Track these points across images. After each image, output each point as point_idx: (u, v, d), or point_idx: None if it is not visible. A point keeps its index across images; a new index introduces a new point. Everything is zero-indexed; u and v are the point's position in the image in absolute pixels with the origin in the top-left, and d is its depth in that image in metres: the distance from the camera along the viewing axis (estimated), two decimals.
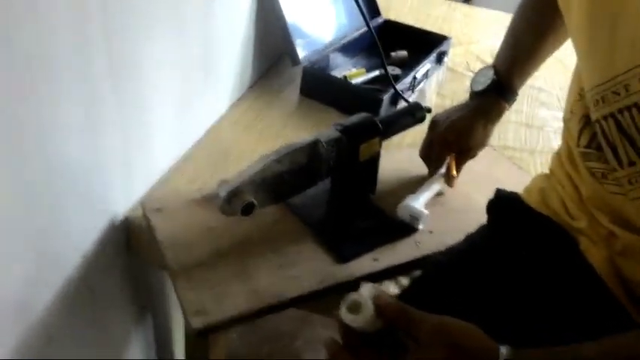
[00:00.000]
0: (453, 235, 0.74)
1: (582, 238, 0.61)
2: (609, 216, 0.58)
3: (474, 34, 1.59)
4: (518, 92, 0.83)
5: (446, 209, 0.85)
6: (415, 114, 0.87)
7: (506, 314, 0.60)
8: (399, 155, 0.96)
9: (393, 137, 0.86)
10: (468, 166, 0.88)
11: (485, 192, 0.75)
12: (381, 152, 0.79)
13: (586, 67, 0.56)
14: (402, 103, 1.11)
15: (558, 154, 0.67)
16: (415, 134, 0.93)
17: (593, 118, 0.55)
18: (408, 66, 1.23)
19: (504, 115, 0.84)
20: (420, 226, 0.79)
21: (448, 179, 0.86)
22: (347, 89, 1.12)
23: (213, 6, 0.91)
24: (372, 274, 0.72)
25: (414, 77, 1.17)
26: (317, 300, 0.69)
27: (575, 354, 0.47)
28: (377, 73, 1.19)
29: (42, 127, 0.57)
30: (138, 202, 0.80)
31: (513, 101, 0.83)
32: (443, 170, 0.87)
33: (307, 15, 1.18)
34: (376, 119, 0.78)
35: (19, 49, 0.51)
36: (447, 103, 1.19)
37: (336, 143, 0.74)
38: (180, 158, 0.90)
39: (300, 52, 1.11)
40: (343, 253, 0.73)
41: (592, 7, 0.52)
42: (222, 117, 1.03)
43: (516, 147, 1.09)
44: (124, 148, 0.73)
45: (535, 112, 1.24)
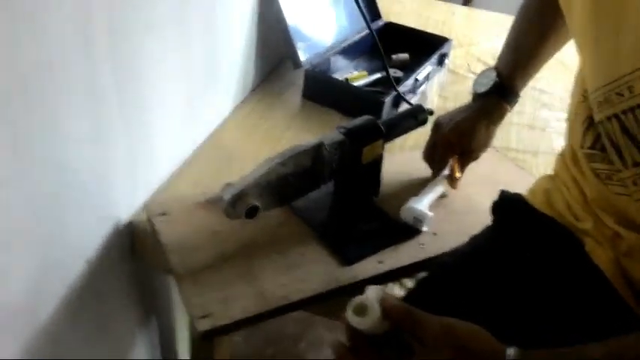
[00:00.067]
0: (457, 236, 0.74)
1: (587, 239, 0.61)
2: (614, 217, 0.58)
3: (474, 36, 1.59)
4: (520, 94, 0.83)
5: (449, 211, 0.85)
6: (418, 116, 0.87)
7: (511, 315, 0.60)
8: (402, 157, 0.96)
9: (396, 140, 0.86)
10: (470, 167, 0.88)
11: (489, 193, 0.75)
12: (384, 155, 0.80)
13: (589, 69, 0.56)
14: (403, 106, 1.11)
15: (562, 156, 0.67)
16: (418, 136, 0.93)
17: (596, 119, 0.55)
18: (409, 68, 1.23)
19: (507, 116, 0.84)
20: (423, 228, 0.79)
21: (451, 181, 0.86)
22: (349, 92, 1.12)
23: (215, 11, 0.91)
24: (376, 277, 0.72)
25: (416, 79, 1.17)
26: (322, 302, 0.69)
27: (581, 355, 0.46)
28: (378, 75, 1.19)
29: (47, 135, 0.58)
30: (142, 206, 0.80)
31: (515, 103, 0.83)
32: (446, 172, 0.87)
33: (308, 18, 1.18)
34: (379, 122, 0.78)
35: (26, 61, 0.52)
36: (448, 105, 1.19)
37: (340, 146, 0.74)
38: (183, 162, 0.90)
39: (301, 55, 1.11)
40: (347, 256, 0.73)
41: (595, 8, 0.53)
42: (224, 121, 1.03)
43: (519, 148, 1.09)
44: (128, 153, 0.74)
45: (537, 113, 1.24)
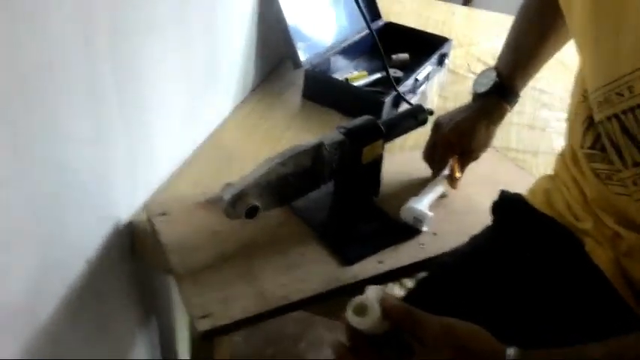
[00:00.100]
0: (457, 236, 0.74)
1: (588, 239, 0.61)
2: (614, 217, 0.58)
3: (474, 36, 1.59)
4: (520, 94, 0.83)
5: (449, 211, 0.85)
6: (418, 116, 0.87)
7: (511, 315, 0.60)
8: (402, 157, 0.96)
9: (396, 139, 0.86)
10: (470, 167, 0.88)
11: (489, 193, 0.75)
12: (384, 155, 0.80)
13: (589, 69, 0.56)
14: (403, 106, 1.11)
15: (562, 156, 0.67)
16: (418, 136, 0.93)
17: (596, 119, 0.55)
18: (409, 68, 1.23)
19: (507, 116, 0.84)
20: (423, 228, 0.79)
21: (451, 181, 0.86)
22: (349, 92, 1.12)
23: (215, 11, 0.91)
24: (376, 277, 0.72)
25: (416, 79, 1.17)
26: (322, 302, 0.69)
27: (581, 355, 0.46)
28: (378, 75, 1.19)
29: (48, 136, 0.58)
30: (142, 206, 0.80)
31: (515, 103, 0.83)
32: (446, 172, 0.87)
33: (308, 18, 1.18)
34: (379, 122, 0.78)
35: (26, 61, 0.52)
36: (448, 105, 1.19)
37: (340, 146, 0.74)
38: (183, 162, 0.90)
39: (301, 55, 1.11)
40: (347, 256, 0.73)
41: (595, 8, 0.53)
42: (224, 121, 1.03)
43: (519, 148, 1.09)
44: (128, 152, 0.74)
45: (537, 113, 1.24)
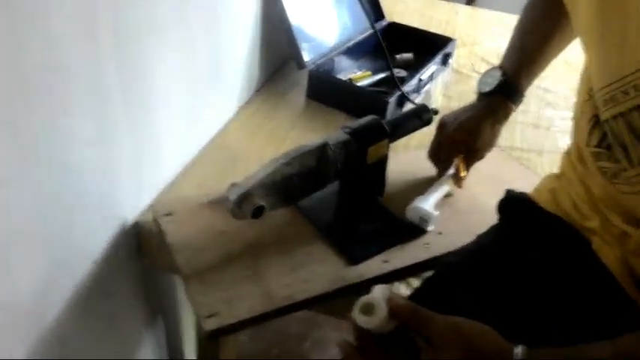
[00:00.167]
0: (463, 236, 0.74)
1: (595, 237, 0.61)
2: (621, 215, 0.58)
3: (478, 36, 1.59)
4: (525, 93, 0.83)
5: (455, 210, 0.84)
6: (422, 116, 0.87)
7: (518, 314, 0.60)
8: (407, 157, 0.96)
9: (400, 139, 0.86)
10: (476, 167, 0.88)
11: (494, 193, 0.75)
12: (389, 154, 0.80)
13: (595, 67, 0.56)
14: (408, 106, 1.11)
15: (568, 154, 0.67)
16: (422, 136, 0.93)
17: (602, 117, 0.55)
18: (413, 68, 1.23)
19: (511, 115, 0.84)
20: (429, 228, 0.79)
21: (457, 180, 0.86)
22: (353, 92, 1.12)
23: (219, 12, 0.91)
24: (382, 276, 0.72)
25: (420, 79, 1.17)
26: (327, 302, 0.69)
27: (588, 353, 0.47)
28: (382, 75, 1.19)
29: (53, 137, 0.58)
30: (148, 207, 0.80)
31: (520, 102, 0.83)
32: (451, 171, 0.87)
33: (312, 19, 1.18)
34: (384, 122, 0.78)
35: (30, 61, 0.52)
36: (453, 104, 1.19)
37: (345, 146, 0.74)
38: (188, 163, 0.91)
39: (305, 55, 1.12)
40: (353, 255, 0.73)
41: (601, 5, 0.53)
42: (229, 121, 1.04)
43: (524, 147, 1.09)
44: (133, 154, 0.74)
45: (542, 112, 1.24)
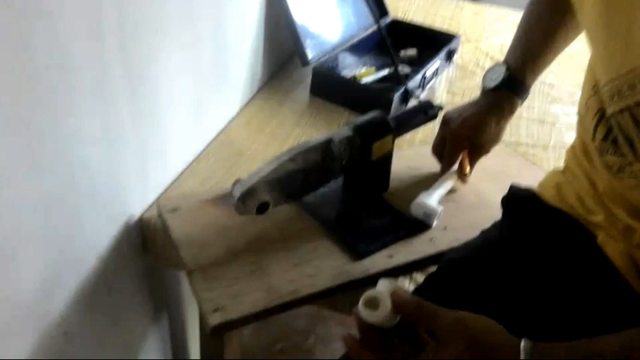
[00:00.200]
0: (467, 231, 0.74)
1: (599, 232, 0.61)
2: (627, 210, 0.57)
3: (482, 32, 1.59)
4: (530, 88, 0.82)
5: (459, 206, 0.84)
6: (427, 111, 0.87)
7: (523, 309, 0.60)
8: (411, 153, 0.96)
9: (405, 135, 0.86)
10: (480, 162, 0.87)
11: (499, 188, 0.75)
12: (393, 150, 0.80)
13: (601, 62, 0.55)
14: (412, 102, 1.11)
15: (573, 149, 0.67)
16: (426, 131, 0.93)
17: (608, 112, 0.55)
18: (417, 64, 1.23)
19: (516, 111, 0.83)
20: (433, 223, 0.79)
21: (461, 176, 0.86)
22: (357, 88, 1.12)
23: (223, 9, 0.92)
24: (386, 271, 0.72)
25: (424, 75, 1.17)
26: (332, 297, 0.69)
27: (594, 347, 0.46)
28: (386, 72, 1.19)
29: (60, 134, 0.58)
30: (153, 203, 0.80)
31: (525, 97, 0.82)
32: (456, 167, 0.87)
33: (316, 16, 1.18)
34: (388, 117, 0.78)
35: (37, 61, 0.52)
36: (457, 100, 1.19)
37: (349, 142, 0.74)
38: (193, 159, 0.91)
39: (309, 52, 1.12)
40: (358, 251, 0.73)
41: (607, 0, 0.52)
42: (233, 118, 1.04)
43: (529, 143, 1.08)
44: (138, 150, 0.74)
45: (547, 107, 1.23)
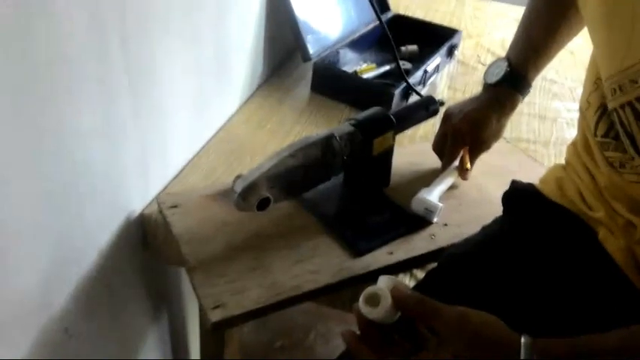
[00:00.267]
0: (468, 227, 0.74)
1: (600, 227, 0.61)
2: (627, 205, 0.57)
3: (484, 27, 1.58)
4: (532, 84, 0.82)
5: (460, 202, 0.84)
6: (429, 107, 0.86)
7: (524, 305, 0.60)
8: (412, 148, 0.96)
9: (406, 131, 0.86)
10: (481, 158, 0.87)
11: (500, 184, 0.75)
12: (394, 146, 0.79)
13: (603, 56, 0.55)
14: (413, 98, 1.11)
15: (574, 144, 0.67)
16: (428, 127, 0.92)
17: (610, 107, 0.54)
18: (418, 60, 1.22)
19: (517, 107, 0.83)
20: (434, 219, 0.78)
21: (462, 172, 0.86)
22: (358, 84, 1.12)
23: (225, 5, 0.91)
24: (387, 268, 0.72)
25: (425, 71, 1.16)
26: (332, 293, 0.69)
27: (595, 344, 0.46)
28: (387, 68, 1.19)
29: (61, 129, 0.58)
30: (154, 199, 0.80)
31: (527, 93, 0.82)
32: (456, 163, 0.87)
33: (317, 11, 1.18)
34: (390, 113, 0.78)
35: (39, 56, 0.52)
36: (458, 96, 1.18)
37: (350, 137, 0.74)
38: (194, 155, 0.91)
39: (310, 48, 1.11)
40: (358, 247, 0.73)
41: None
42: (234, 114, 1.04)
43: (530, 139, 1.08)
44: (139, 146, 0.74)
45: (548, 103, 1.23)
